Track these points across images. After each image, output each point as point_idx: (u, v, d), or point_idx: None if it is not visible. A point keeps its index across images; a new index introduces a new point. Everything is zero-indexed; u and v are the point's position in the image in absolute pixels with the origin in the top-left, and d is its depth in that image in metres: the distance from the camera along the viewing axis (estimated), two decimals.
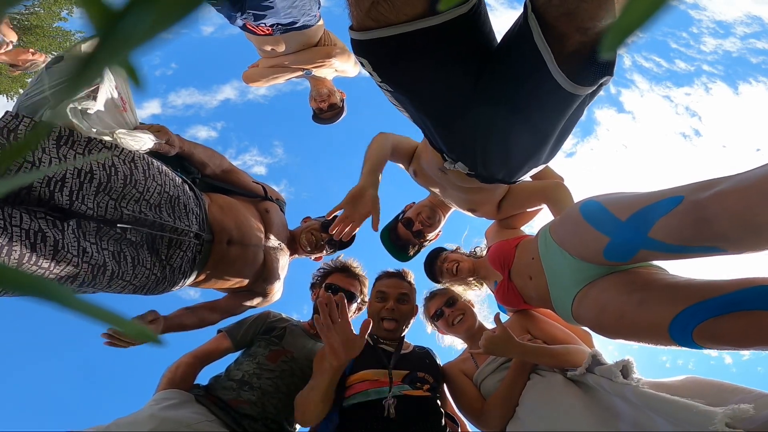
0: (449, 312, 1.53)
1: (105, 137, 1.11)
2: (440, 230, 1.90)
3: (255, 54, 2.19)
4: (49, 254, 0.93)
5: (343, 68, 2.16)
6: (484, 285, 1.67)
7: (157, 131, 1.28)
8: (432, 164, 1.39)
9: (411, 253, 1.89)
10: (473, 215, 1.68)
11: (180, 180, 1.30)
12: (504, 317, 1.47)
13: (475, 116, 0.94)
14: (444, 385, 1.45)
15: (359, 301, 1.65)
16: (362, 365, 1.33)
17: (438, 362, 1.48)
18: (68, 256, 0.96)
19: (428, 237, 1.86)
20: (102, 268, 1.04)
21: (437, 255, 1.77)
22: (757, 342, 0.74)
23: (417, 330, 1.65)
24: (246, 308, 1.62)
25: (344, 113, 2.39)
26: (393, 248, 1.86)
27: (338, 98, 2.33)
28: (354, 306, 1.64)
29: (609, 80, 0.80)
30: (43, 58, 3.26)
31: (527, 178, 1.22)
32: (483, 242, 1.80)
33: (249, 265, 1.48)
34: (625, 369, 1.05)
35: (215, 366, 1.48)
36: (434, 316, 1.56)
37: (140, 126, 1.28)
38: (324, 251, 1.76)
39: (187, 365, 1.40)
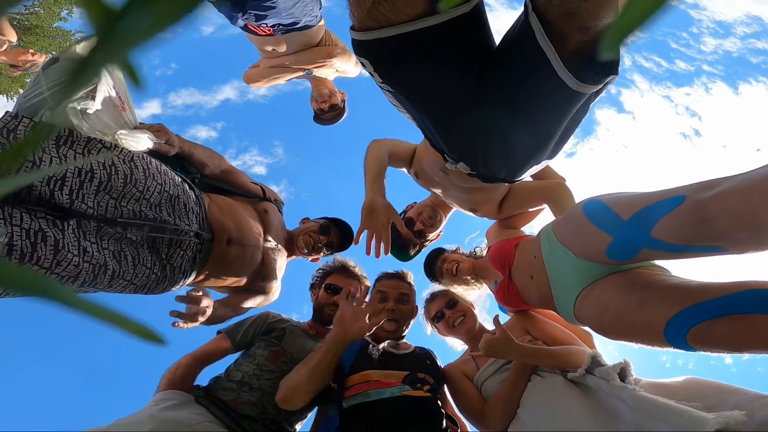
0: (450, 314, 1.53)
1: (104, 137, 1.11)
2: (441, 230, 1.90)
3: (255, 54, 2.19)
4: (50, 254, 0.92)
5: (344, 69, 2.16)
6: (485, 285, 1.67)
7: (157, 131, 1.28)
8: (433, 165, 1.39)
9: (412, 253, 1.89)
10: (474, 215, 1.68)
11: (180, 179, 1.30)
12: (504, 318, 1.47)
13: (476, 116, 0.93)
14: (445, 387, 1.45)
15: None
16: (362, 365, 1.33)
17: (439, 363, 1.48)
18: (69, 256, 0.96)
19: (429, 237, 1.87)
20: (103, 268, 1.04)
21: (437, 255, 1.77)
22: (751, 346, 0.74)
23: (417, 331, 1.65)
24: (247, 309, 1.62)
25: (345, 114, 2.38)
26: (394, 248, 1.86)
27: (339, 99, 2.32)
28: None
29: (614, 79, 0.80)
30: (43, 59, 3.25)
31: (527, 178, 1.22)
32: (483, 242, 1.80)
33: (247, 265, 1.48)
34: (623, 371, 1.05)
35: (215, 367, 1.48)
36: (435, 318, 1.56)
37: (140, 126, 1.28)
38: (321, 253, 1.76)
39: (187, 366, 1.40)
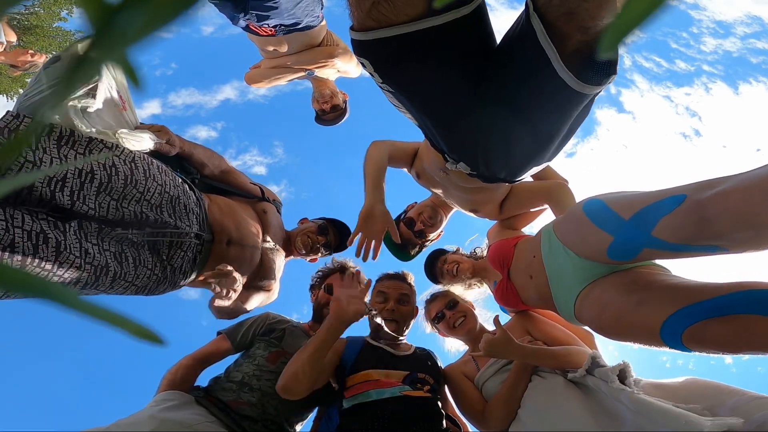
0: (450, 314, 1.52)
1: (105, 136, 1.11)
2: (442, 230, 1.89)
3: (256, 54, 2.18)
4: (52, 256, 0.92)
5: (346, 69, 2.16)
6: (485, 286, 1.67)
7: (158, 131, 1.28)
8: (433, 165, 1.39)
9: (412, 253, 1.89)
10: (475, 215, 1.68)
11: (180, 180, 1.30)
12: (505, 318, 1.47)
13: (477, 116, 0.93)
14: (445, 387, 1.45)
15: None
16: (363, 365, 1.33)
17: (439, 364, 1.48)
18: (70, 258, 0.96)
19: (430, 237, 1.86)
20: (104, 269, 1.04)
21: (438, 256, 1.77)
22: (747, 346, 0.73)
23: (417, 331, 1.65)
24: (251, 308, 1.62)
25: (347, 115, 2.37)
26: (394, 248, 1.86)
27: (341, 99, 2.31)
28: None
29: (613, 79, 0.80)
30: (43, 59, 3.25)
31: (528, 178, 1.22)
32: (484, 243, 1.80)
33: (247, 266, 1.48)
34: (622, 373, 1.05)
35: (214, 367, 1.48)
36: (435, 319, 1.56)
37: (141, 126, 1.28)
38: (319, 254, 1.75)
39: (187, 367, 1.40)
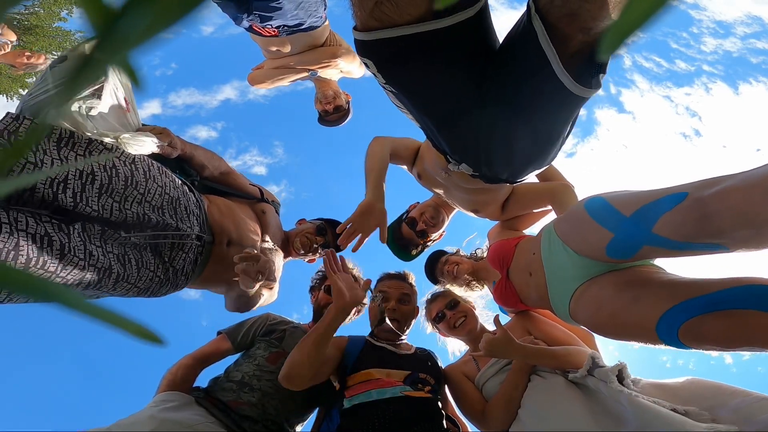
0: (451, 315, 1.52)
1: (106, 138, 1.11)
2: (444, 230, 1.90)
3: (256, 54, 2.18)
4: (56, 258, 0.92)
5: (349, 69, 2.16)
6: (485, 287, 1.67)
7: (160, 133, 1.28)
8: (435, 166, 1.39)
9: (414, 253, 1.89)
10: (476, 216, 1.68)
11: (180, 182, 1.30)
12: (505, 319, 1.47)
13: (478, 117, 0.93)
14: (445, 388, 1.45)
15: None
16: (364, 364, 1.33)
17: (440, 364, 1.48)
18: (74, 260, 0.95)
19: (432, 237, 1.86)
20: (108, 272, 1.04)
21: (438, 257, 1.77)
22: (745, 342, 0.73)
23: (417, 331, 1.65)
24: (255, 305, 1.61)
25: (350, 115, 2.37)
26: (396, 248, 1.87)
27: (344, 100, 2.31)
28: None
29: (603, 77, 0.81)
30: (42, 59, 3.25)
31: (530, 179, 1.22)
32: (485, 244, 1.80)
33: None
34: (621, 373, 1.05)
35: (214, 369, 1.48)
36: (436, 319, 1.56)
37: (143, 128, 1.28)
38: (317, 254, 1.75)
39: (187, 367, 1.40)
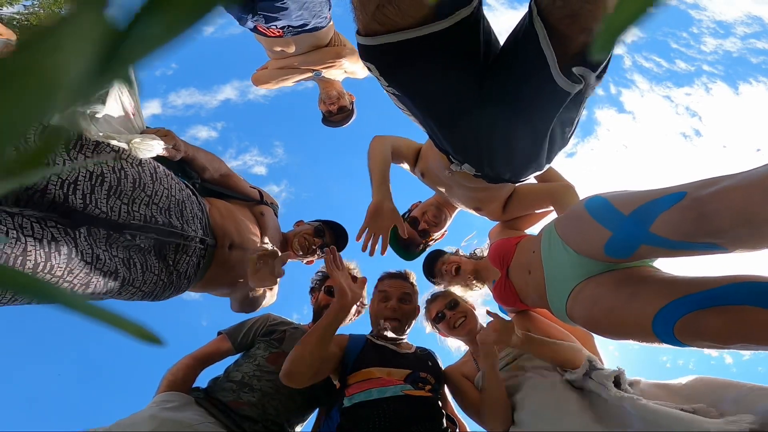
0: (451, 315, 1.52)
1: (113, 141, 1.11)
2: (446, 229, 1.89)
3: (257, 54, 2.18)
4: (63, 262, 0.92)
5: (353, 69, 2.16)
6: (485, 287, 1.67)
7: (164, 135, 1.28)
8: (438, 165, 1.40)
9: (416, 252, 1.89)
10: (478, 214, 1.68)
11: (183, 184, 1.30)
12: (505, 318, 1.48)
13: (479, 117, 0.94)
14: (445, 387, 1.45)
15: (358, 304, 1.64)
16: (365, 362, 1.33)
17: (440, 364, 1.48)
18: (82, 264, 0.96)
19: (434, 236, 1.86)
20: (114, 275, 1.04)
21: (437, 257, 1.77)
22: (742, 339, 0.72)
23: (417, 332, 1.65)
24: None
25: (354, 116, 2.37)
26: (398, 247, 1.87)
27: (348, 101, 2.31)
28: (353, 308, 1.63)
29: (604, 76, 0.83)
30: None
31: (532, 179, 1.23)
32: (485, 244, 1.80)
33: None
34: (617, 379, 1.06)
35: (213, 370, 1.49)
36: (436, 319, 1.56)
37: (147, 130, 1.29)
38: (316, 255, 1.75)
39: (187, 367, 1.40)
